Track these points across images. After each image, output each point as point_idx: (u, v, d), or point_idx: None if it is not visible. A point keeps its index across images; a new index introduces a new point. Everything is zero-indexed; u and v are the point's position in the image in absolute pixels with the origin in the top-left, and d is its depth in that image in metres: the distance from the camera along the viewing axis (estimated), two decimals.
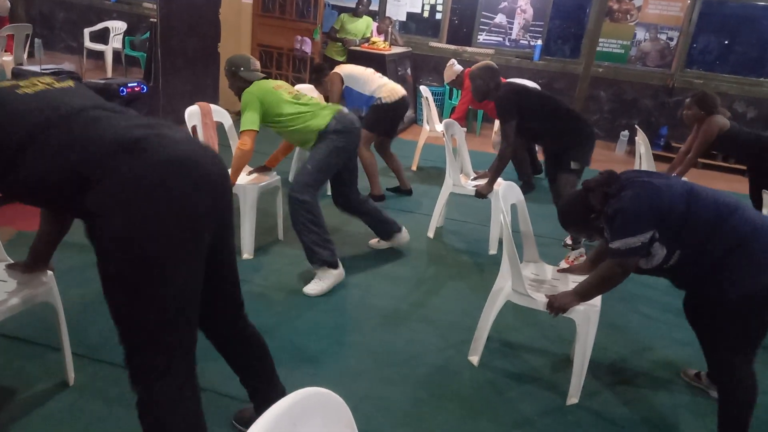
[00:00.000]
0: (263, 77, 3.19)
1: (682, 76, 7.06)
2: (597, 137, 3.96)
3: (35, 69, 4.62)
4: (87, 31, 7.89)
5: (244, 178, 3.26)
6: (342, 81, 4.31)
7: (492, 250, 3.72)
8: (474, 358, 2.50)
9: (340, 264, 3.00)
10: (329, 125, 2.98)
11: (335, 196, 3.27)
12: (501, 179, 3.56)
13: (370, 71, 4.42)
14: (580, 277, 2.35)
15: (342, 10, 7.41)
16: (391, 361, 2.45)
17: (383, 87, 4.29)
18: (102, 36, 7.94)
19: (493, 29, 7.82)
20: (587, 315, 2.20)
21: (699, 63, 7.34)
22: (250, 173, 3.37)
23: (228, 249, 1.64)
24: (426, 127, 5.49)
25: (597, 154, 3.80)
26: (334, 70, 4.36)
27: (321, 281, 2.93)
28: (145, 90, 4.77)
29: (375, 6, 7.70)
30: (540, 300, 2.24)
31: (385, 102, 4.25)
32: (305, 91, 3.30)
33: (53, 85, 1.50)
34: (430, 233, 3.88)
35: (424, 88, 5.69)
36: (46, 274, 1.93)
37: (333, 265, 2.96)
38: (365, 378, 2.33)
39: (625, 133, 7.16)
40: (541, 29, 7.61)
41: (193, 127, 3.30)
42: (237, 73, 3.17)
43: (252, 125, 3.00)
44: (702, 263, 1.93)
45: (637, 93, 7.20)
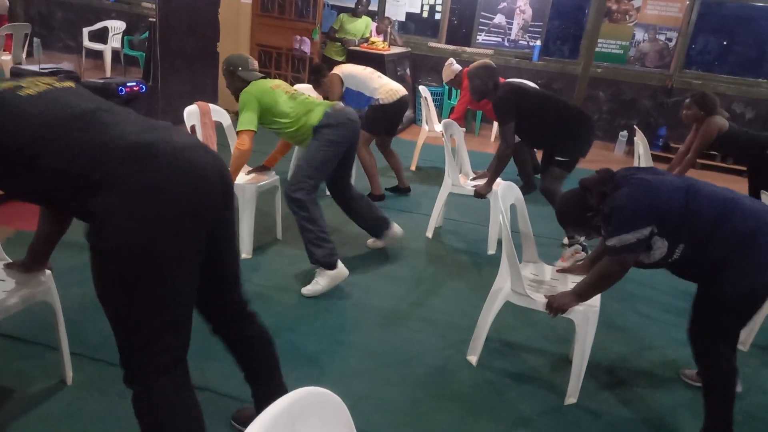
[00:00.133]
0: (261, 77, 3.18)
1: (680, 77, 7.07)
2: (596, 137, 3.97)
3: (34, 68, 4.62)
4: (86, 30, 7.89)
5: (242, 178, 3.26)
6: (342, 82, 4.30)
7: (491, 250, 3.72)
8: (473, 358, 2.50)
9: (339, 264, 2.92)
10: (321, 120, 2.99)
11: (330, 187, 3.28)
12: (500, 179, 3.57)
13: (370, 71, 4.41)
14: (579, 277, 2.35)
15: (341, 10, 7.40)
16: (390, 361, 2.45)
17: (381, 88, 4.27)
18: (101, 35, 7.93)
19: (492, 29, 7.82)
20: (586, 315, 2.20)
21: (697, 63, 7.35)
22: (249, 173, 3.37)
23: (228, 249, 1.65)
24: (425, 127, 5.49)
25: (596, 154, 3.81)
26: (333, 71, 4.35)
27: (317, 282, 2.91)
28: (143, 89, 4.76)
29: (374, 6, 7.70)
30: (539, 300, 2.24)
31: (382, 103, 4.24)
32: (304, 91, 3.29)
33: (54, 86, 1.49)
34: (429, 233, 3.88)
35: (423, 88, 5.68)
36: (45, 273, 1.92)
37: (328, 266, 2.88)
38: (364, 378, 2.33)
39: (624, 133, 7.16)
40: (540, 30, 7.62)
41: (192, 127, 3.30)
42: (235, 73, 3.17)
43: (250, 125, 3.00)
44: (704, 260, 1.95)
45: (636, 93, 7.21)
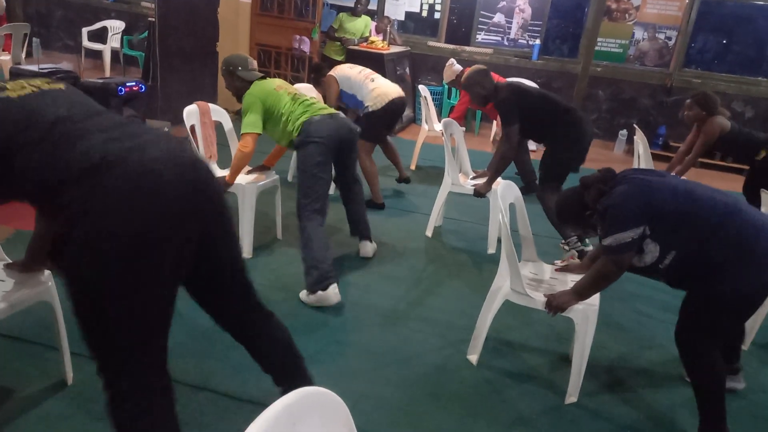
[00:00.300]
0: (261, 77, 3.18)
1: (680, 76, 7.07)
2: (596, 136, 3.97)
3: (33, 68, 4.61)
4: (85, 30, 7.89)
5: (242, 178, 3.26)
6: (338, 83, 4.29)
7: (490, 250, 3.72)
8: (472, 357, 2.50)
9: (330, 288, 2.76)
10: (297, 135, 2.96)
11: (336, 174, 3.29)
12: (500, 178, 3.57)
13: (364, 74, 4.29)
14: (579, 276, 2.36)
15: (340, 9, 7.40)
16: (389, 361, 2.46)
17: (371, 93, 4.14)
18: (100, 35, 7.93)
19: (491, 29, 7.82)
20: (586, 314, 2.20)
21: (697, 62, 7.35)
22: (249, 172, 3.37)
23: (229, 255, 1.61)
24: (425, 126, 5.49)
25: (595, 153, 3.81)
26: (330, 73, 4.33)
27: (310, 296, 2.82)
28: (143, 89, 4.76)
29: (374, 5, 7.70)
30: (538, 299, 2.24)
31: (372, 110, 4.13)
32: (305, 91, 3.29)
33: (42, 88, 1.44)
34: (429, 232, 3.88)
35: (422, 88, 5.68)
36: (44, 273, 1.93)
37: (313, 290, 2.78)
38: (364, 377, 2.33)
39: (624, 132, 7.16)
40: (539, 29, 7.61)
41: (191, 127, 3.30)
42: (235, 73, 3.16)
43: (254, 128, 3.00)
44: (699, 264, 1.93)
45: (636, 92, 7.21)
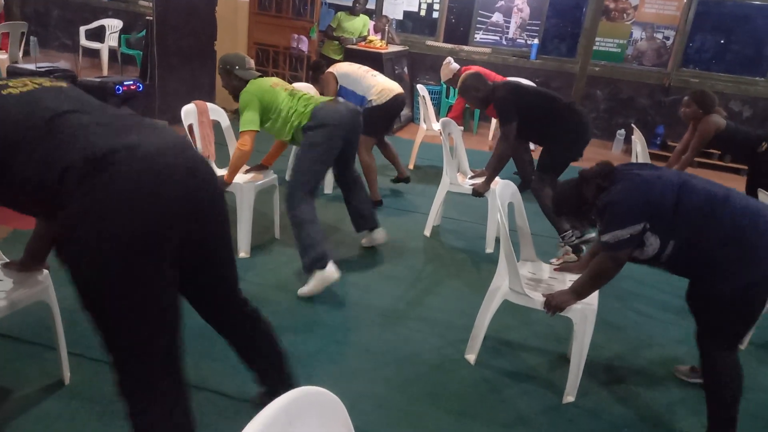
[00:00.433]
0: (259, 76, 3.18)
1: (678, 75, 7.08)
2: (594, 136, 3.97)
3: (30, 67, 4.61)
4: (83, 29, 7.87)
5: (240, 177, 3.26)
6: (336, 80, 4.29)
7: (489, 249, 3.72)
8: (471, 357, 2.50)
9: (329, 265, 2.82)
10: (308, 122, 2.98)
11: (335, 167, 3.28)
12: (498, 178, 3.57)
13: (364, 70, 4.35)
14: (577, 276, 2.36)
15: (339, 8, 7.39)
16: (388, 360, 2.46)
17: (373, 88, 4.19)
18: (98, 34, 7.91)
19: (489, 28, 7.82)
20: (584, 314, 2.20)
21: (695, 62, 7.35)
22: (247, 171, 3.36)
23: (222, 250, 1.61)
24: (423, 125, 5.49)
25: (593, 153, 3.81)
26: (329, 70, 4.34)
27: (309, 283, 2.85)
28: (141, 88, 4.76)
29: (372, 4, 7.69)
30: (537, 299, 2.24)
31: (375, 104, 4.16)
32: (303, 89, 3.28)
33: (43, 85, 1.44)
34: (427, 232, 3.88)
35: (421, 87, 5.68)
36: (42, 272, 1.92)
37: (310, 270, 2.82)
38: (362, 377, 2.33)
39: (622, 131, 7.17)
40: (537, 28, 7.62)
41: (189, 126, 3.29)
42: (232, 72, 3.16)
43: (252, 125, 2.99)
44: (695, 256, 1.95)
45: (634, 92, 7.21)
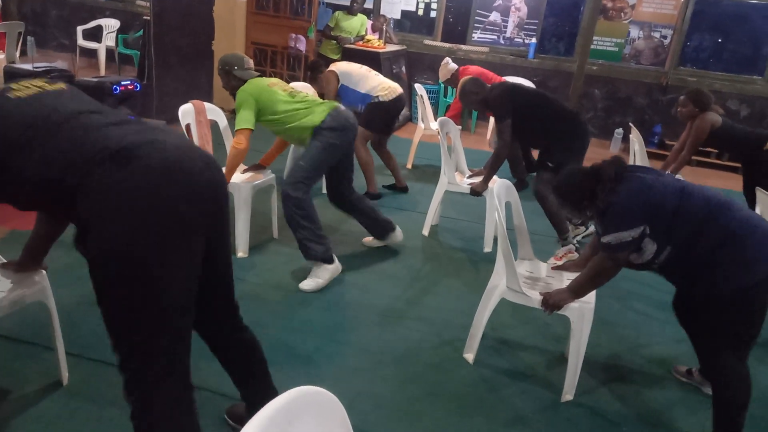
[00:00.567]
0: (257, 75, 3.18)
1: (675, 74, 7.08)
2: (592, 135, 3.98)
3: (27, 67, 4.59)
4: (80, 29, 7.85)
5: (238, 177, 3.26)
6: (337, 79, 4.30)
7: (487, 248, 3.72)
8: (469, 356, 2.51)
9: (335, 259, 3.01)
10: (324, 122, 2.98)
11: (330, 192, 3.27)
12: (496, 177, 3.57)
13: (366, 69, 4.40)
14: (575, 275, 2.35)
15: (336, 7, 7.38)
16: (386, 359, 2.46)
17: (380, 85, 4.27)
18: (95, 34, 7.90)
19: (487, 27, 7.82)
20: (582, 312, 2.21)
21: (692, 61, 7.36)
22: (245, 171, 3.37)
23: (222, 255, 1.62)
24: (421, 125, 5.49)
25: (591, 152, 3.81)
26: (329, 68, 4.35)
27: (317, 277, 2.94)
28: (138, 88, 4.75)
29: (370, 4, 7.68)
30: (535, 297, 2.24)
31: (382, 100, 4.23)
32: (301, 89, 3.29)
33: (45, 88, 1.47)
34: (425, 231, 3.88)
35: (418, 86, 5.67)
36: (40, 273, 1.92)
37: (327, 261, 2.97)
38: (360, 376, 2.33)
39: (619, 130, 7.18)
40: (535, 27, 7.62)
41: (186, 126, 3.29)
42: (231, 72, 3.16)
43: (247, 124, 3.00)
44: (692, 259, 1.95)
45: (631, 91, 7.22)
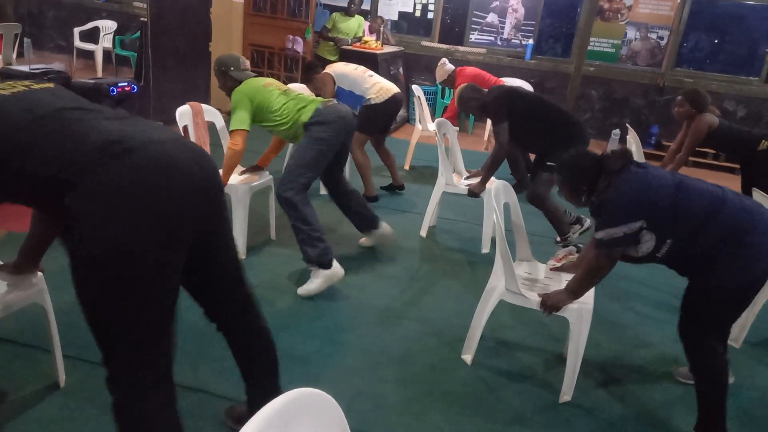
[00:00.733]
0: (254, 76, 3.17)
1: (672, 75, 7.10)
2: (590, 137, 3.97)
3: (24, 69, 4.58)
4: (77, 30, 7.84)
5: (235, 178, 3.25)
6: (334, 80, 4.29)
7: (485, 249, 3.72)
8: (467, 357, 2.50)
9: (334, 263, 2.90)
10: (311, 118, 2.97)
11: (323, 178, 3.23)
12: (493, 178, 3.57)
13: (362, 70, 4.38)
14: (573, 275, 2.36)
15: (334, 9, 7.39)
16: (384, 360, 2.45)
17: (373, 87, 4.24)
18: (92, 35, 7.88)
19: (484, 28, 7.83)
20: (580, 313, 2.21)
21: (689, 62, 7.38)
22: (242, 173, 3.36)
23: (224, 251, 1.61)
24: (418, 126, 5.49)
25: None
26: (325, 70, 4.34)
27: (312, 281, 2.90)
28: (135, 90, 4.74)
29: (367, 5, 7.69)
30: (533, 299, 2.24)
31: (374, 103, 4.21)
32: (298, 90, 3.28)
33: (31, 87, 1.45)
34: (423, 232, 3.88)
35: (416, 87, 5.68)
36: (36, 275, 1.91)
37: (323, 265, 2.86)
38: (358, 377, 2.33)
39: (616, 131, 7.18)
40: (532, 28, 7.63)
41: (184, 127, 3.29)
42: (227, 73, 3.15)
43: (243, 125, 2.99)
44: (694, 253, 1.96)
45: (628, 92, 7.24)
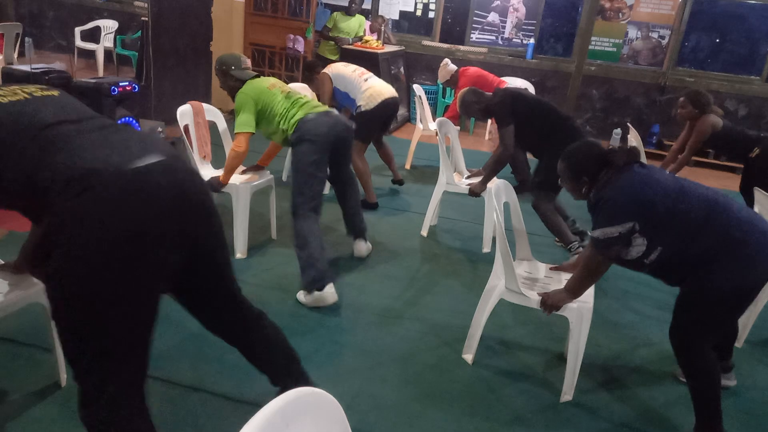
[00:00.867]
0: (255, 75, 3.18)
1: (673, 74, 7.10)
2: (590, 136, 3.98)
3: (25, 68, 4.58)
4: (78, 30, 7.84)
5: (237, 178, 3.26)
6: (332, 81, 4.27)
7: (485, 249, 3.72)
8: (468, 356, 2.51)
9: (327, 288, 2.78)
10: (294, 131, 2.95)
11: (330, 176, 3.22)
12: (495, 178, 3.57)
13: (358, 73, 4.28)
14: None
15: (335, 8, 7.39)
16: (385, 360, 2.46)
17: (365, 93, 4.13)
18: (93, 35, 7.89)
19: (485, 28, 7.83)
20: (580, 312, 2.21)
21: (690, 61, 7.38)
22: (243, 172, 3.37)
23: (216, 262, 1.61)
24: (419, 125, 5.49)
25: None
26: (324, 71, 4.32)
27: (305, 296, 2.83)
28: (136, 89, 4.74)
29: (368, 4, 7.69)
30: (533, 298, 2.24)
31: (364, 110, 4.11)
32: (299, 90, 3.28)
33: (34, 95, 1.44)
34: (424, 232, 3.88)
35: (417, 87, 5.68)
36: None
37: (313, 289, 2.78)
38: (359, 376, 2.33)
39: (618, 131, 7.18)
40: (533, 28, 7.63)
41: (185, 127, 3.29)
42: (228, 72, 3.16)
43: (247, 127, 2.99)
44: (685, 260, 1.96)
45: (629, 91, 7.23)
